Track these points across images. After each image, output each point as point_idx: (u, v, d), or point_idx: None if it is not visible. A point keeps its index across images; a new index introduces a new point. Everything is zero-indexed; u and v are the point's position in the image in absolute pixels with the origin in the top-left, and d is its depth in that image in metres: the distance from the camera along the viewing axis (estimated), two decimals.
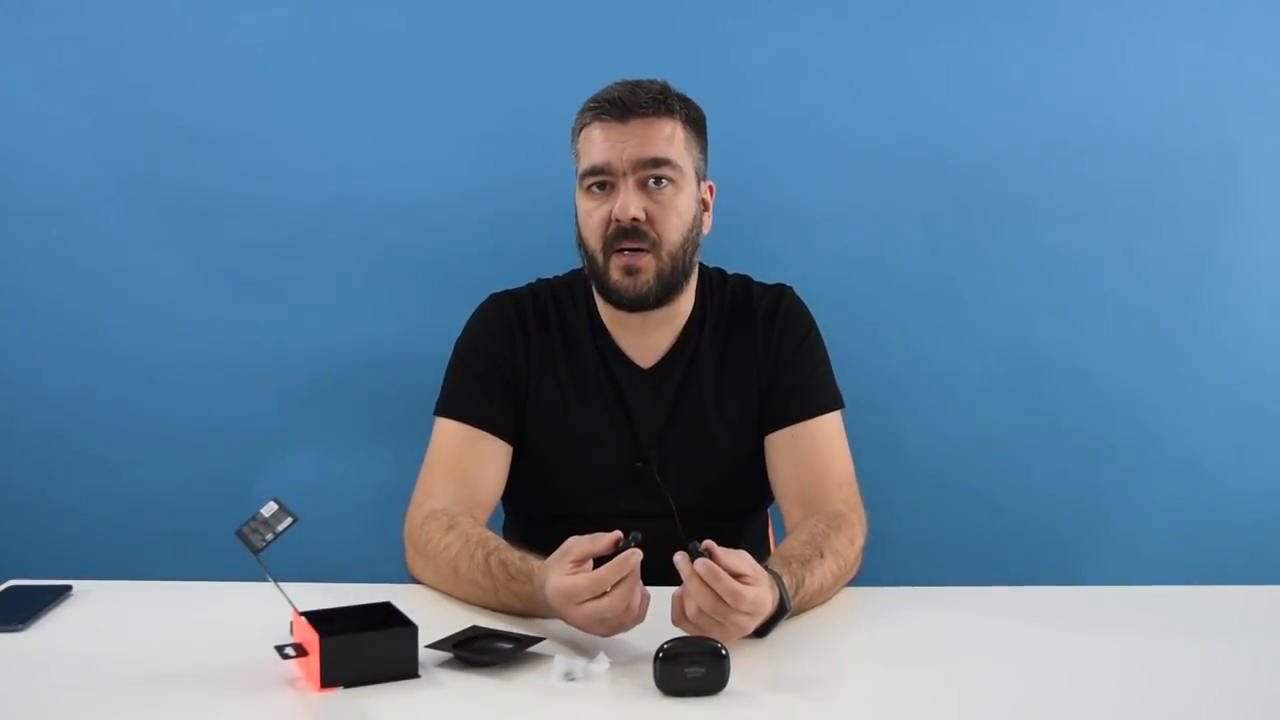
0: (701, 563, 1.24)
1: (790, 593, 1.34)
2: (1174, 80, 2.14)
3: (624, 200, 1.56)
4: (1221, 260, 2.17)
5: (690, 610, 1.25)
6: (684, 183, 1.60)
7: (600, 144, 1.58)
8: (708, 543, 1.27)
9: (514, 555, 1.41)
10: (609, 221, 1.57)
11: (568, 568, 1.28)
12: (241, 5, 2.09)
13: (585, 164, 1.59)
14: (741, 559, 1.27)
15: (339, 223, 2.13)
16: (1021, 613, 1.44)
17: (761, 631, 1.32)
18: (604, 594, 1.25)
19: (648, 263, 1.58)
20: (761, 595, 1.27)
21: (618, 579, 1.24)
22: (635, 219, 1.56)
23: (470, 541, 1.45)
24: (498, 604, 1.42)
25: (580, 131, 1.62)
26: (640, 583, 1.27)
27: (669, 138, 1.58)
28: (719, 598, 1.24)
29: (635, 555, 1.25)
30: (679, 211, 1.59)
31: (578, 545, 1.30)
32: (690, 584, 1.25)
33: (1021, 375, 2.20)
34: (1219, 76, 2.13)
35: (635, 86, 1.59)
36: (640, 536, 1.28)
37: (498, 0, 2.10)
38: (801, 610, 1.39)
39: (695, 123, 1.63)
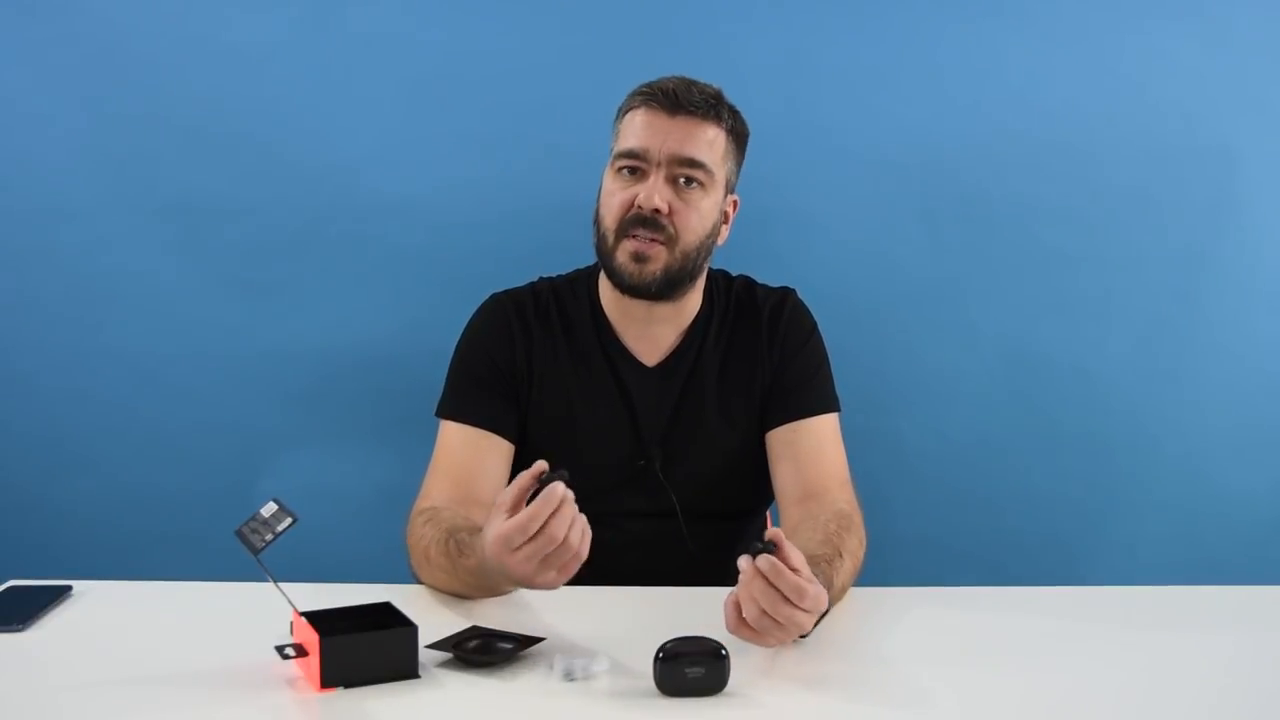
0: (765, 559, 1.21)
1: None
2: (1173, 80, 2.14)
3: (650, 189, 1.56)
4: (1221, 260, 2.18)
5: (751, 613, 1.22)
6: (712, 188, 1.60)
7: (642, 130, 1.58)
8: (773, 531, 1.24)
9: (466, 534, 1.39)
10: (630, 205, 1.58)
11: (502, 517, 1.26)
12: (242, 5, 2.09)
13: (622, 145, 1.60)
14: (798, 555, 1.24)
15: (339, 222, 2.13)
16: (1021, 613, 1.44)
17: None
18: (537, 534, 1.23)
19: (659, 253, 1.58)
20: (820, 592, 1.24)
21: (548, 514, 1.22)
22: (657, 210, 1.56)
23: (441, 529, 1.45)
24: (461, 587, 1.41)
25: (625, 113, 1.62)
26: (577, 515, 1.24)
27: (710, 142, 1.59)
28: (782, 597, 1.21)
29: (559, 487, 1.23)
30: (701, 213, 1.59)
31: (505, 493, 1.28)
32: (753, 584, 1.21)
33: (1021, 375, 2.20)
34: (1218, 76, 2.13)
35: (691, 84, 1.60)
36: (566, 474, 1.25)
37: (498, 1, 2.11)
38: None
39: (739, 136, 1.64)
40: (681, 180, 1.58)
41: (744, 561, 1.23)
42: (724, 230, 1.67)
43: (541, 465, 1.26)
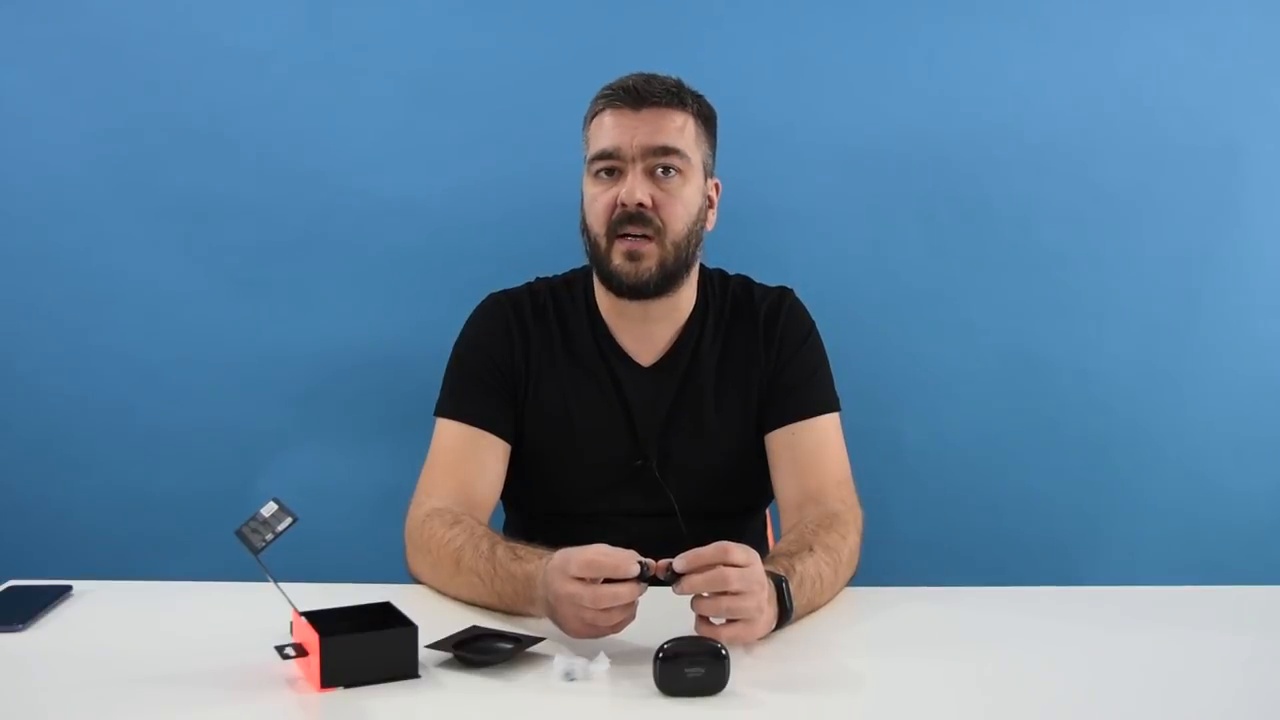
0: (678, 585, 1.25)
1: (783, 574, 1.34)
2: (1173, 80, 2.14)
3: (631, 185, 1.57)
4: (1221, 260, 2.18)
5: (706, 627, 1.25)
6: (691, 174, 1.61)
7: (611, 130, 1.59)
8: (665, 563, 1.27)
9: (521, 544, 1.41)
10: (614, 206, 1.58)
11: (599, 546, 1.28)
12: (242, 5, 2.09)
13: (595, 148, 1.61)
14: (708, 550, 1.26)
15: (339, 222, 2.14)
16: (1020, 612, 1.44)
17: (783, 617, 1.32)
18: (601, 581, 1.24)
19: (651, 249, 1.59)
20: (747, 573, 1.25)
21: (622, 574, 1.24)
22: (641, 204, 1.57)
23: (476, 535, 1.46)
24: (491, 594, 1.41)
25: (592, 119, 1.63)
26: (634, 607, 1.26)
27: (680, 128, 1.60)
28: (716, 594, 1.24)
29: (640, 575, 1.25)
30: (685, 201, 1.60)
31: (607, 547, 1.28)
32: (693, 604, 1.26)
33: (1021, 375, 2.20)
34: (1218, 76, 2.14)
35: (650, 78, 1.62)
36: (650, 573, 1.27)
37: (498, 1, 2.11)
38: (810, 607, 1.40)
39: (706, 119, 1.65)
40: (660, 170, 1.58)
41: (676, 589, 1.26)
42: (710, 215, 1.68)
43: (648, 562, 1.27)
